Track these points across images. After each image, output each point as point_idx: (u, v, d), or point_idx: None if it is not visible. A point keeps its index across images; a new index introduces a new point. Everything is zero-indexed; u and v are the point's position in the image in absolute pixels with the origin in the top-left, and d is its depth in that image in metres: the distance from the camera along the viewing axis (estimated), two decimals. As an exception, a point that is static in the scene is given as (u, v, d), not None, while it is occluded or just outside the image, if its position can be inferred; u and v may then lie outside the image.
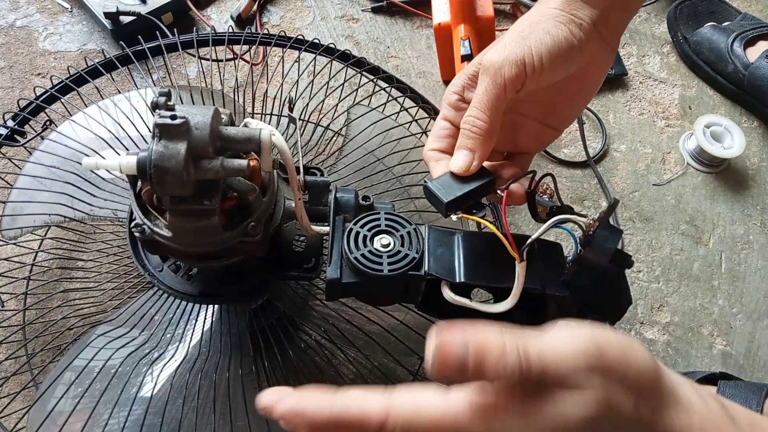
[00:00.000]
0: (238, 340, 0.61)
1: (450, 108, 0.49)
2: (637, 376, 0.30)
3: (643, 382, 0.30)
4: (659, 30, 1.03)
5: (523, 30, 0.45)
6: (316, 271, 0.55)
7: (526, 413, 0.28)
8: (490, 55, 0.45)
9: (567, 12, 0.46)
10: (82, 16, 0.95)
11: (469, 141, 0.45)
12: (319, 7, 1.01)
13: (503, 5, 1.02)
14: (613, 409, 0.28)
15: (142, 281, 0.64)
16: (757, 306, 0.79)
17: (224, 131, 0.43)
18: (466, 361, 0.28)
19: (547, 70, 0.45)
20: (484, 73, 0.45)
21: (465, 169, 0.45)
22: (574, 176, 0.87)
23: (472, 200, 0.46)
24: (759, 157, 0.91)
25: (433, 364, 0.28)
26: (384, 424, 0.29)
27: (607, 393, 0.29)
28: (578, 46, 0.46)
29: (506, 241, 0.42)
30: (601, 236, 0.41)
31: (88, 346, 0.59)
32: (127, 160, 0.41)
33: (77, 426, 0.54)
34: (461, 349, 0.28)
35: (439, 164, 0.48)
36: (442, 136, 0.49)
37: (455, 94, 0.49)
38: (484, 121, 0.45)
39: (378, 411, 0.29)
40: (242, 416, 0.56)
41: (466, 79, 0.48)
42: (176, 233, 0.46)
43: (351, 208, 0.50)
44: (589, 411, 0.28)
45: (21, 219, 0.66)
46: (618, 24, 0.49)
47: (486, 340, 0.28)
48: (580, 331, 0.30)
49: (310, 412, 0.30)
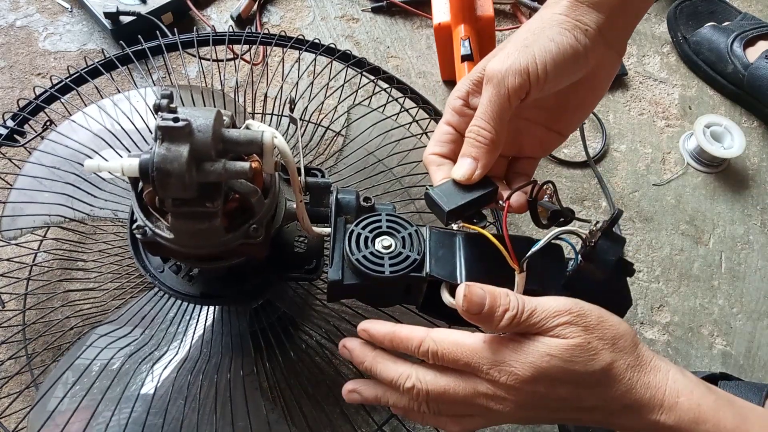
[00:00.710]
0: (239, 341, 0.61)
1: (454, 113, 0.49)
2: (614, 335, 0.40)
3: (620, 342, 0.40)
4: (659, 30, 1.03)
5: (527, 38, 0.45)
6: (318, 272, 0.55)
7: (519, 348, 0.40)
8: (494, 64, 0.44)
9: (572, 18, 0.45)
10: (82, 16, 0.95)
11: (474, 150, 0.45)
12: (319, 7, 1.00)
13: (503, 5, 1.02)
14: (588, 351, 0.39)
15: (143, 282, 0.64)
16: (757, 306, 0.79)
17: (226, 134, 0.43)
18: (484, 302, 0.39)
19: (552, 78, 0.44)
20: (489, 83, 0.44)
21: (468, 176, 0.45)
22: (574, 176, 0.87)
23: (474, 209, 0.46)
24: (759, 157, 0.91)
25: (463, 301, 0.40)
26: (422, 341, 0.41)
27: (586, 339, 0.39)
28: (583, 53, 0.45)
29: (507, 254, 0.42)
30: (602, 247, 0.41)
31: (89, 346, 0.59)
32: (129, 163, 0.41)
33: (78, 426, 0.54)
34: (481, 292, 0.40)
35: (440, 169, 0.48)
36: (444, 141, 0.49)
37: (460, 99, 0.49)
38: (489, 131, 0.45)
39: (421, 333, 0.42)
40: (243, 416, 0.56)
41: (470, 84, 0.48)
42: (178, 235, 0.46)
43: (352, 209, 0.50)
44: (565, 350, 0.39)
45: (21, 219, 0.66)
46: (624, 29, 0.48)
47: (498, 291, 0.40)
48: (567, 298, 0.41)
49: (375, 328, 0.44)
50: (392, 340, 0.43)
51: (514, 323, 0.40)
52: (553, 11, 0.46)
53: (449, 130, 0.49)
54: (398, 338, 0.43)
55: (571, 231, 0.43)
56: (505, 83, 0.44)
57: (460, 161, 0.46)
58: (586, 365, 0.39)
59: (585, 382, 0.39)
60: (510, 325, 0.40)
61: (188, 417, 0.56)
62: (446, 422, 0.44)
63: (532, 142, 0.51)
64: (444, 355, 0.41)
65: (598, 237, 0.41)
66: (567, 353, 0.39)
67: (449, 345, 0.41)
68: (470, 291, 0.40)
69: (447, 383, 0.41)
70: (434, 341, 0.41)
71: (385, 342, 0.43)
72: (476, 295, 0.40)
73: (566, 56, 0.44)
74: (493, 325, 0.40)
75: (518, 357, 0.39)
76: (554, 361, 0.39)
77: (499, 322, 0.40)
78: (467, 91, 0.48)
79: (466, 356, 0.40)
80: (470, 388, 0.41)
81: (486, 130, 0.45)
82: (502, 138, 0.46)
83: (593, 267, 0.42)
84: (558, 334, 0.39)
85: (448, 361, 0.41)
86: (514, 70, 0.43)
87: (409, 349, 0.42)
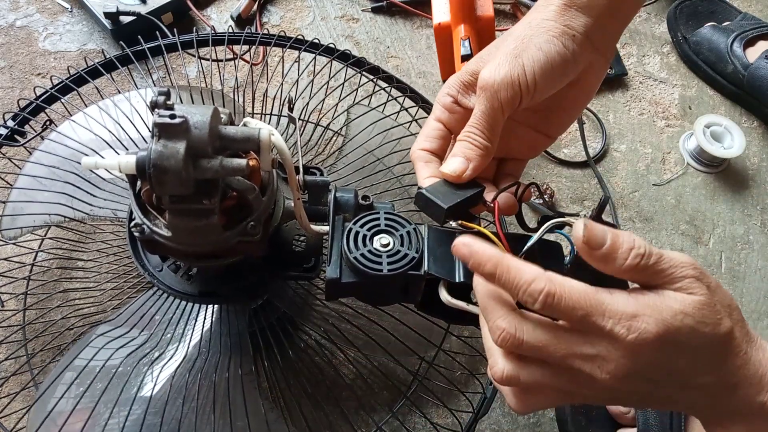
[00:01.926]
0: (238, 340, 0.61)
1: (444, 110, 0.49)
2: (730, 303, 0.36)
3: (735, 313, 0.36)
4: (659, 30, 1.03)
5: (516, 47, 0.45)
6: (316, 270, 0.55)
7: (650, 302, 0.35)
8: (488, 74, 0.45)
9: (560, 24, 0.45)
10: (82, 16, 0.95)
11: (467, 151, 0.45)
12: (319, 7, 1.01)
13: (503, 5, 1.02)
14: (715, 312, 0.35)
15: (142, 281, 0.64)
16: (757, 306, 0.79)
17: (223, 130, 0.43)
18: (606, 236, 0.35)
19: (541, 87, 0.45)
20: (482, 94, 0.45)
21: (459, 173, 0.45)
22: (574, 176, 0.87)
23: (465, 209, 0.46)
24: (759, 157, 0.91)
25: (583, 231, 0.35)
26: (536, 278, 0.35)
27: (711, 300, 0.35)
28: (572, 59, 0.45)
29: (504, 249, 0.42)
30: None
31: (88, 346, 0.59)
32: (127, 160, 0.41)
33: (77, 426, 0.54)
34: (603, 233, 0.35)
35: (427, 166, 0.48)
36: (433, 137, 0.49)
37: (449, 96, 0.49)
38: (483, 139, 0.45)
39: (534, 269, 0.36)
40: (242, 416, 0.56)
41: (460, 84, 0.48)
42: (176, 233, 0.46)
43: (350, 207, 0.50)
44: (697, 308, 0.34)
45: (21, 219, 0.66)
46: (612, 33, 0.48)
47: (620, 231, 0.36)
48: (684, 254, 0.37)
49: (480, 246, 0.37)
50: (497, 266, 0.36)
51: (641, 265, 0.35)
52: (543, 16, 0.46)
53: (438, 126, 0.49)
54: (505, 266, 0.36)
55: (564, 222, 0.43)
56: (498, 96, 0.44)
57: (452, 159, 0.46)
58: (714, 328, 0.35)
59: (707, 349, 0.35)
60: (636, 267, 0.35)
61: (187, 417, 0.56)
62: (511, 395, 0.39)
63: (520, 143, 0.51)
64: (560, 299, 0.35)
65: None
66: (699, 312, 0.34)
67: (570, 288, 0.35)
68: (591, 224, 0.35)
69: (547, 338, 0.36)
70: (551, 280, 0.35)
71: (487, 266, 0.37)
72: (598, 228, 0.35)
73: (555, 65, 0.45)
74: (616, 264, 0.35)
75: (651, 312, 0.34)
76: (687, 320, 0.34)
77: (624, 260, 0.35)
78: (458, 89, 0.48)
79: (588, 304, 0.35)
80: (571, 349, 0.35)
81: (480, 137, 0.45)
82: (495, 146, 0.46)
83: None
84: (686, 287, 0.35)
85: (563, 309, 0.35)
86: (506, 83, 0.44)
87: (515, 284, 0.36)
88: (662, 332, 0.34)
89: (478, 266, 0.38)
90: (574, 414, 0.65)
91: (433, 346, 0.61)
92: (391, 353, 0.61)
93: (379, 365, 0.68)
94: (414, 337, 0.59)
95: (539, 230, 0.42)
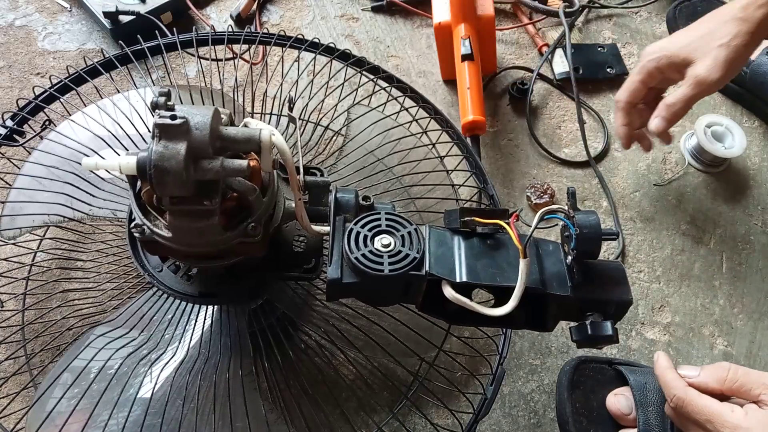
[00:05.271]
0: (238, 341, 0.61)
1: (650, 75, 0.70)
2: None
3: None
4: (659, 30, 1.02)
5: (728, 55, 0.63)
6: (317, 271, 0.55)
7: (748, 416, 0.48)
8: (704, 73, 0.64)
9: (747, 19, 0.64)
10: (81, 15, 0.95)
11: (669, 116, 0.68)
12: (318, 6, 1.00)
13: (504, 4, 1.02)
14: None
15: (142, 281, 0.64)
16: (758, 306, 0.79)
17: (224, 131, 0.43)
18: (725, 378, 0.52)
19: (730, 78, 0.65)
20: (693, 84, 0.65)
21: (661, 129, 0.69)
22: (574, 176, 0.87)
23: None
24: (760, 156, 0.91)
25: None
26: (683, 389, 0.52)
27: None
28: (752, 51, 0.65)
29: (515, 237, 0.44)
30: (581, 214, 0.46)
31: (87, 346, 0.59)
32: (127, 161, 0.41)
33: (76, 427, 0.54)
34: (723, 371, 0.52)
35: (624, 114, 0.74)
36: (635, 90, 0.72)
37: (654, 66, 0.70)
38: (678, 114, 0.68)
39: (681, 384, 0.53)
40: (242, 417, 0.56)
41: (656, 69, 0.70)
42: (176, 234, 0.45)
43: (351, 208, 0.49)
44: None
45: (20, 219, 0.66)
46: None
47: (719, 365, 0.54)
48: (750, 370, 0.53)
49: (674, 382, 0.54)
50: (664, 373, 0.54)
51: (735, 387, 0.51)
52: (732, 13, 0.65)
53: (640, 87, 0.72)
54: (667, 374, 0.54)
55: (553, 209, 0.47)
56: (705, 91, 0.65)
57: (656, 119, 0.69)
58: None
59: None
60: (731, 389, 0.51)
61: (187, 417, 0.56)
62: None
63: None
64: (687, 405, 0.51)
65: (572, 210, 0.46)
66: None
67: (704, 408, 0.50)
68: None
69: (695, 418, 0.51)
70: (691, 397, 0.51)
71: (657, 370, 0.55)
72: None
73: (742, 62, 0.65)
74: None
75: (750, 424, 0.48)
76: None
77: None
78: (656, 63, 0.70)
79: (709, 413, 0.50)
80: None
81: (677, 113, 0.68)
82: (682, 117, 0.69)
83: (586, 233, 0.45)
84: (764, 401, 0.49)
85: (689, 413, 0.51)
86: (716, 86, 0.64)
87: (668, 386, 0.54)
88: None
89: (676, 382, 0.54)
90: (575, 415, 0.65)
91: (434, 347, 0.61)
92: (392, 354, 0.60)
93: (380, 366, 0.68)
94: (414, 338, 0.59)
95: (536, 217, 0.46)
